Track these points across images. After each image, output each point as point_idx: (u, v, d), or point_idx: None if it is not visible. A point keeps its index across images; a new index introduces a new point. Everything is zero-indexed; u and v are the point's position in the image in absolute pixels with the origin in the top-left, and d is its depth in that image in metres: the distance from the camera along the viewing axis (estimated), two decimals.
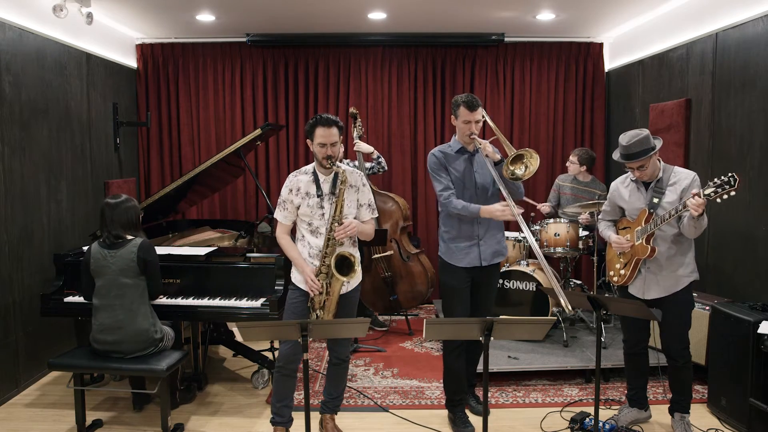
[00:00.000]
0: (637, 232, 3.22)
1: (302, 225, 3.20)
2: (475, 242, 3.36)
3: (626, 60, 5.77)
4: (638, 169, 3.15)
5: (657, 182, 3.19)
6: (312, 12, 5.17)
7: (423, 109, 6.19)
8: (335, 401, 3.40)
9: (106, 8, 5.00)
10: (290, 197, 3.16)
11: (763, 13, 3.79)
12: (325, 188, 3.14)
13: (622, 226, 3.39)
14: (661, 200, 3.15)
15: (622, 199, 3.35)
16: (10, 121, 4.00)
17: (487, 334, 2.54)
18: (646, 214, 3.19)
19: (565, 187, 5.27)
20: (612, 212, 3.47)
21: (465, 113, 3.26)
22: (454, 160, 3.37)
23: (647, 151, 3.07)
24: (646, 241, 3.17)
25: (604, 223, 3.50)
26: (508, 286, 4.71)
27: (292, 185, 3.17)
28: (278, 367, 3.20)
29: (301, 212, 3.15)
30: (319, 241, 3.13)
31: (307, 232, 3.17)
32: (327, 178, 3.15)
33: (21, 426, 3.61)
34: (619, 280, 3.35)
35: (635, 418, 3.49)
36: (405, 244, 5.29)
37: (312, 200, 3.12)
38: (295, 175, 3.21)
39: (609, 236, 3.38)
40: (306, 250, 3.17)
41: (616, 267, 3.37)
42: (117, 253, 3.27)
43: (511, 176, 3.18)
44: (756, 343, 3.23)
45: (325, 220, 3.11)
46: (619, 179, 3.41)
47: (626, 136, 3.13)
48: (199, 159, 6.06)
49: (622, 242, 3.26)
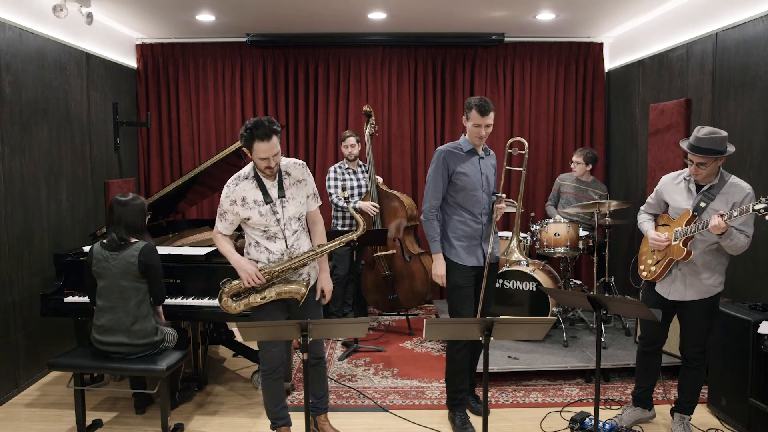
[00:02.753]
0: (676, 232, 3.14)
1: (255, 233, 3.07)
2: (478, 242, 3.41)
3: (626, 60, 5.77)
4: (697, 165, 3.03)
5: (711, 187, 3.08)
6: (312, 12, 5.17)
7: (423, 109, 6.19)
8: (322, 401, 3.37)
9: (106, 8, 5.00)
10: (233, 208, 3.01)
11: (763, 13, 3.79)
12: (273, 194, 3.02)
13: (661, 222, 3.32)
14: (708, 206, 3.05)
15: (669, 195, 3.25)
16: (10, 121, 4.00)
17: (487, 334, 2.54)
18: (689, 216, 3.10)
19: (566, 187, 5.27)
20: (655, 206, 3.38)
21: (476, 117, 3.28)
22: (464, 161, 3.38)
23: (715, 152, 2.97)
24: (683, 244, 3.09)
25: (645, 215, 3.42)
26: (508, 286, 4.71)
27: (235, 196, 3.00)
28: (265, 373, 3.15)
29: (252, 222, 3.03)
30: (279, 246, 3.05)
31: (262, 239, 3.06)
32: (273, 183, 3.04)
33: (21, 426, 3.61)
34: (649, 276, 3.29)
35: (639, 417, 3.48)
36: (408, 244, 5.29)
37: (263, 208, 3.00)
38: (235, 182, 3.03)
39: (647, 230, 3.30)
40: (264, 255, 3.07)
41: (648, 263, 3.32)
42: (119, 256, 3.26)
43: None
44: (756, 343, 3.22)
45: (281, 225, 3.03)
46: (671, 174, 3.31)
47: (704, 129, 3.02)
48: (199, 159, 6.07)
49: (660, 239, 3.18)
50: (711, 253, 3.11)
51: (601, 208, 4.61)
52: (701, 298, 3.16)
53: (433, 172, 3.39)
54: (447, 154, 3.37)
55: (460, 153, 3.39)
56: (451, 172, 3.36)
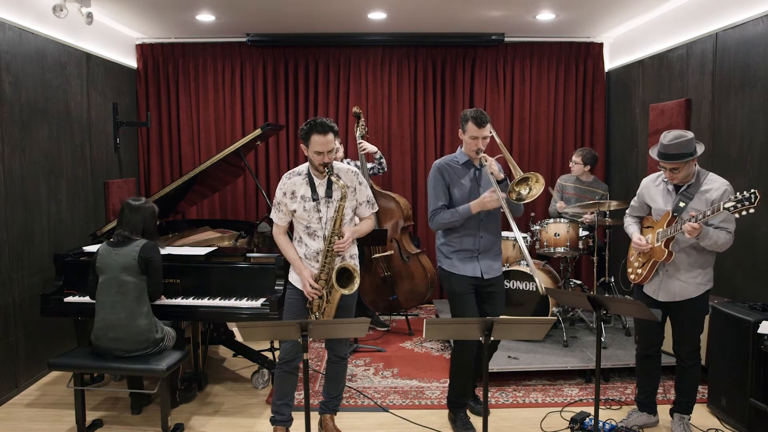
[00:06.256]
0: (658, 233, 3.17)
1: (299, 226, 3.17)
2: (474, 256, 3.35)
3: (626, 60, 5.77)
4: (671, 171, 3.06)
5: (688, 187, 3.10)
6: (312, 12, 5.17)
7: (423, 109, 6.19)
8: (335, 401, 3.39)
9: (106, 8, 5.00)
10: (284, 200, 3.13)
11: (763, 13, 3.79)
12: (320, 192, 3.10)
13: (646, 224, 3.35)
14: (688, 205, 3.07)
15: (650, 197, 3.29)
16: (10, 121, 4.00)
17: (487, 334, 2.54)
18: (669, 217, 3.13)
19: (567, 188, 5.27)
20: (639, 209, 3.40)
21: (473, 129, 3.23)
22: (461, 174, 3.35)
23: (685, 156, 2.99)
24: (665, 245, 3.11)
25: (630, 218, 3.45)
26: (508, 286, 4.71)
27: (286, 188, 3.12)
28: (279, 365, 3.20)
29: (297, 215, 3.13)
30: (317, 244, 3.12)
31: (304, 234, 3.15)
32: (322, 182, 3.11)
33: (21, 426, 3.61)
34: (636, 279, 3.31)
35: (644, 422, 3.46)
36: (405, 244, 5.29)
37: (308, 204, 3.09)
38: (288, 176, 3.16)
39: (631, 234, 3.33)
40: (302, 251, 3.16)
41: (635, 265, 3.34)
42: (120, 251, 3.31)
43: (515, 198, 3.17)
44: (756, 343, 3.22)
45: (323, 224, 3.10)
46: (650, 176, 3.34)
47: (669, 135, 3.04)
48: (199, 159, 6.07)
49: (641, 244, 3.21)
50: (695, 252, 3.13)
51: (601, 207, 4.61)
52: (690, 297, 3.17)
53: (432, 182, 3.36)
54: (442, 167, 3.35)
55: (456, 165, 3.36)
56: (447, 184, 3.33)
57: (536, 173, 3.17)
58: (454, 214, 3.26)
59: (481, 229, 3.34)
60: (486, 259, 3.37)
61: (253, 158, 6.09)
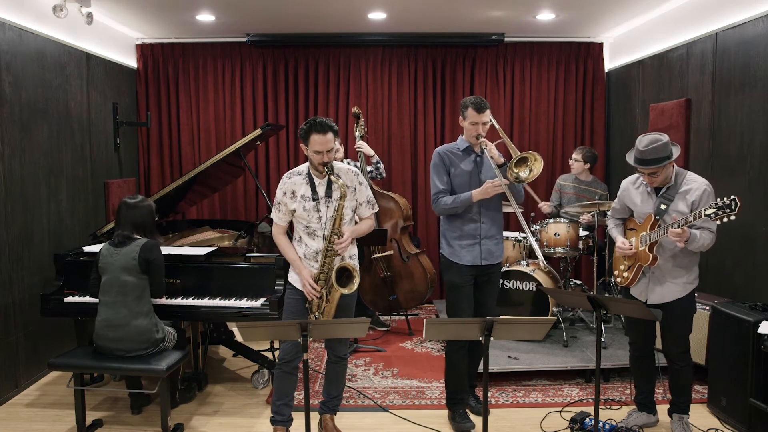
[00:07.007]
0: (642, 237, 3.18)
1: (299, 226, 3.18)
2: (477, 241, 3.39)
3: (626, 60, 5.77)
4: (649, 175, 3.07)
5: (668, 189, 3.11)
6: (312, 12, 5.17)
7: (423, 109, 6.19)
8: (335, 401, 3.40)
9: (106, 8, 5.00)
10: (284, 200, 3.14)
11: (763, 13, 3.79)
12: (320, 192, 3.10)
13: (629, 226, 3.35)
14: (669, 207, 3.08)
15: (630, 200, 3.29)
16: (10, 121, 4.00)
17: (487, 334, 2.54)
18: (651, 221, 3.13)
19: (566, 187, 5.27)
20: (621, 211, 3.41)
21: (473, 115, 3.30)
22: (461, 160, 3.40)
23: (662, 160, 3.00)
24: (649, 249, 3.12)
25: (613, 221, 3.46)
26: (508, 286, 4.71)
27: (286, 188, 3.13)
28: (279, 365, 3.20)
29: (297, 215, 3.13)
30: (316, 244, 3.12)
31: (304, 234, 3.16)
32: (322, 181, 3.11)
33: (21, 426, 3.61)
34: (622, 282, 3.33)
35: (644, 422, 3.46)
36: (405, 244, 5.29)
37: (308, 203, 3.09)
38: (288, 176, 3.16)
39: (615, 237, 3.34)
40: (302, 250, 3.17)
41: (621, 268, 3.34)
42: (121, 251, 3.31)
43: (515, 179, 3.22)
44: (756, 343, 3.22)
45: (322, 223, 3.10)
46: (630, 179, 3.34)
47: (644, 140, 3.04)
48: (199, 159, 6.06)
49: (625, 248, 3.22)
50: (680, 254, 3.13)
51: (600, 207, 4.61)
52: (678, 297, 3.18)
53: (433, 168, 3.43)
54: (443, 153, 3.42)
55: (456, 152, 3.42)
56: (447, 170, 3.39)
57: (534, 153, 3.24)
58: (456, 201, 3.32)
59: (482, 215, 3.39)
60: (488, 244, 3.41)
61: (253, 158, 6.09)
